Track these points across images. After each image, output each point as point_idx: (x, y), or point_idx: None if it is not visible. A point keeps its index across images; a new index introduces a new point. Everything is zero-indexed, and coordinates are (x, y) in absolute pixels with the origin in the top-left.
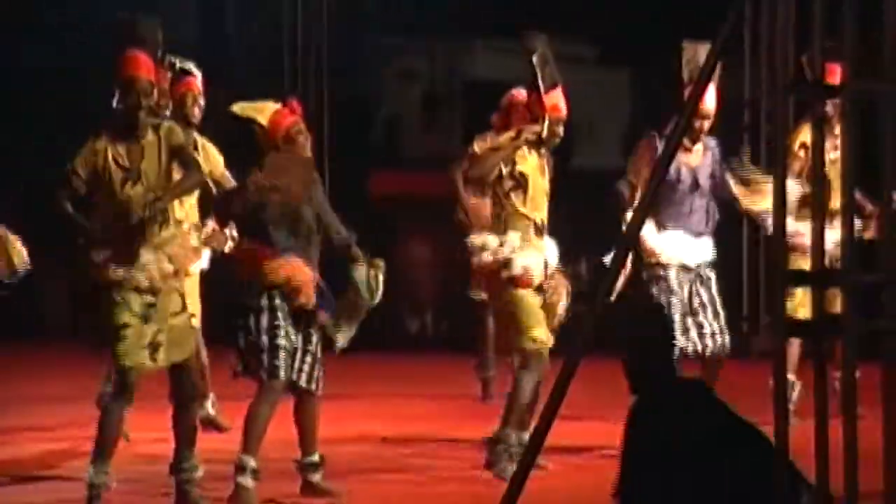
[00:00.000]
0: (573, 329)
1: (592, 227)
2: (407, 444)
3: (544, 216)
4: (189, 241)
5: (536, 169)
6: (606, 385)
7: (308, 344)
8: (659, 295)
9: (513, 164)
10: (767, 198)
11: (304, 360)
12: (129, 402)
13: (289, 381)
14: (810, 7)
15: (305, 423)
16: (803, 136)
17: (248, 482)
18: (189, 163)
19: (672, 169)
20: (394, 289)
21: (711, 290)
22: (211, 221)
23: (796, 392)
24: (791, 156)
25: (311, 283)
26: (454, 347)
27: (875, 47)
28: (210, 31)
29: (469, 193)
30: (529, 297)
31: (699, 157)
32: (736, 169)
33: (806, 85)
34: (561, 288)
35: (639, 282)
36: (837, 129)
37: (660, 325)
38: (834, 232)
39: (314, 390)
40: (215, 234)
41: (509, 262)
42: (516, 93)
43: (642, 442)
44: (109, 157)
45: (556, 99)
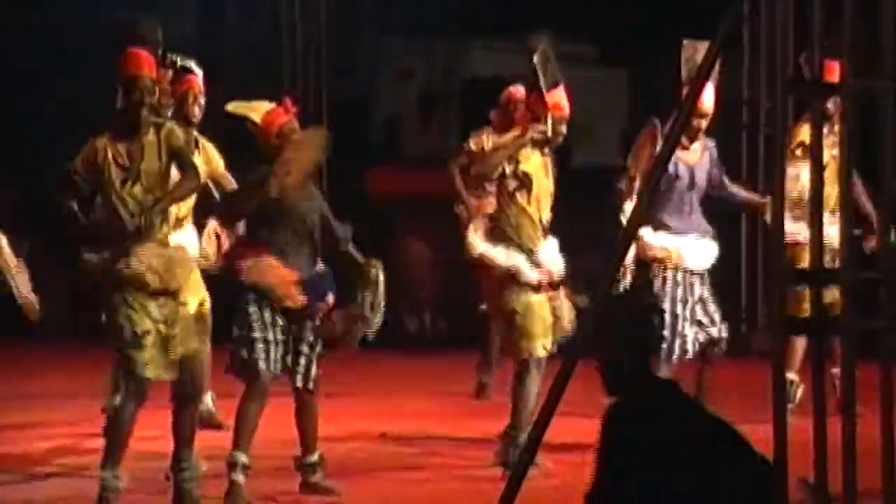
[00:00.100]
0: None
1: (591, 226)
2: (406, 442)
3: (548, 215)
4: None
5: (540, 168)
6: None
7: (300, 343)
8: (657, 294)
9: (516, 163)
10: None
11: (298, 361)
12: (141, 405)
13: (274, 376)
14: (809, 5)
15: (305, 423)
16: (801, 136)
17: (240, 478)
18: (187, 166)
19: (669, 166)
20: (392, 287)
21: (706, 290)
22: (212, 221)
23: (799, 392)
24: (788, 156)
25: (287, 283)
26: (453, 346)
27: (874, 45)
28: (209, 30)
29: (467, 190)
30: (536, 305)
31: (697, 155)
32: None
33: (805, 83)
34: (565, 298)
35: (636, 281)
36: (838, 127)
37: (643, 324)
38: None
39: (311, 389)
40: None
41: (519, 271)
42: (514, 90)
43: (620, 443)
44: (109, 156)
45: (558, 97)
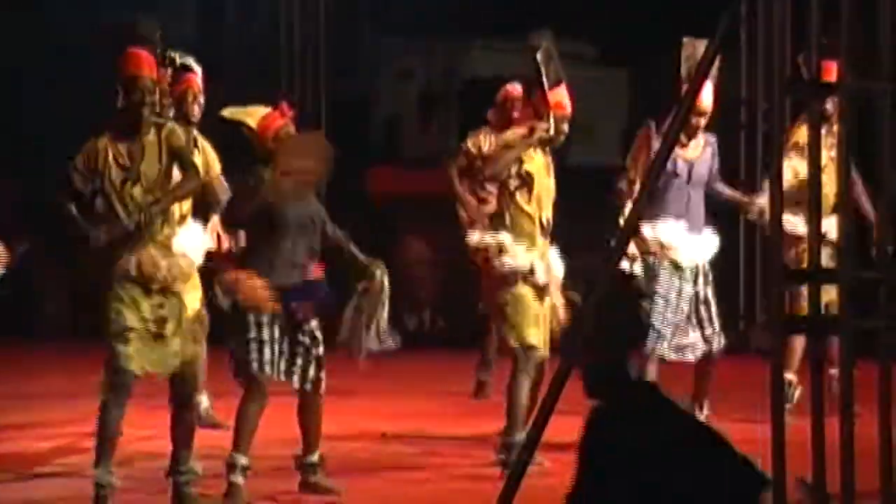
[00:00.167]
0: (570, 326)
1: (590, 225)
2: (406, 442)
3: (549, 215)
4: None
5: (542, 167)
6: None
7: (296, 346)
8: (652, 290)
9: (520, 163)
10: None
11: (294, 363)
12: (125, 404)
13: (273, 377)
14: (807, 6)
15: (306, 423)
16: (797, 137)
17: (239, 479)
18: (188, 166)
19: (669, 162)
20: (392, 287)
21: (709, 288)
22: (215, 217)
23: (797, 393)
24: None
25: (255, 293)
26: (452, 345)
27: (871, 46)
28: (209, 30)
29: (465, 190)
30: (527, 298)
31: (698, 150)
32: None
33: (802, 83)
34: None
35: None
36: (835, 127)
37: (621, 326)
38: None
39: (309, 390)
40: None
41: (504, 254)
42: (511, 88)
43: (601, 446)
44: (110, 156)
45: (560, 96)
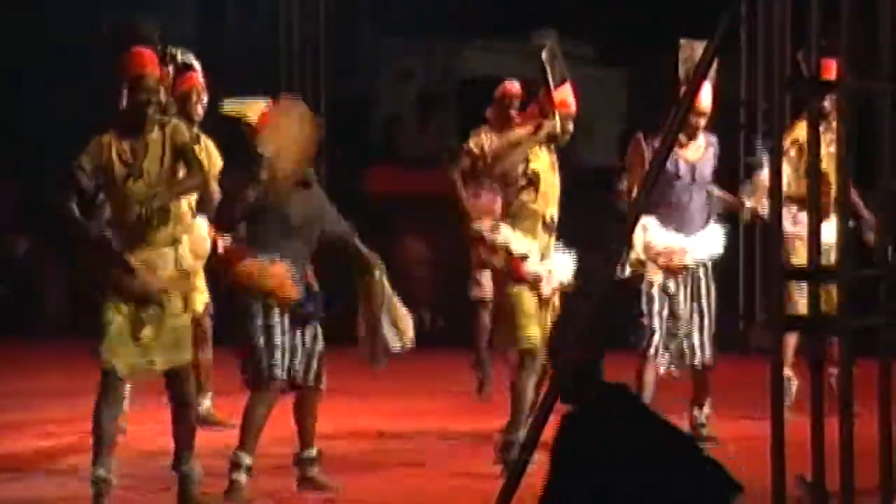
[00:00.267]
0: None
1: (591, 224)
2: (405, 440)
3: (554, 212)
4: (195, 241)
5: (548, 166)
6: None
7: (302, 339)
8: (648, 294)
9: (526, 161)
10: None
11: (297, 357)
12: (117, 404)
13: (283, 380)
14: (806, 6)
15: (304, 418)
16: (796, 135)
17: (242, 478)
18: (192, 163)
19: (670, 163)
20: (391, 286)
21: (709, 292)
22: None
23: (793, 388)
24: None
25: (283, 281)
26: (450, 344)
27: (871, 45)
28: (209, 30)
29: (469, 191)
30: (527, 297)
31: (699, 151)
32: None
33: (802, 81)
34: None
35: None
36: (834, 124)
37: (594, 330)
38: (830, 225)
39: (312, 385)
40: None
41: (508, 248)
42: (509, 85)
43: (575, 450)
44: (113, 153)
45: (564, 95)
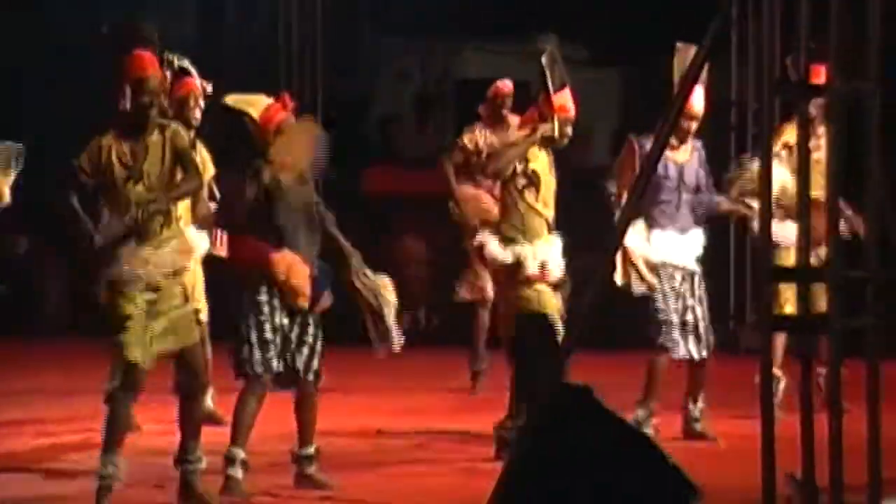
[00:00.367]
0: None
1: (585, 226)
2: (402, 437)
3: (553, 213)
4: (187, 242)
5: (546, 167)
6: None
7: (304, 335)
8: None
9: (526, 162)
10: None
11: (300, 352)
12: (136, 396)
13: (273, 375)
14: (797, 8)
15: (304, 415)
16: (785, 138)
17: (238, 473)
18: (189, 167)
19: (659, 166)
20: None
21: (700, 289)
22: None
23: (782, 387)
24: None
25: (307, 282)
26: (446, 342)
27: (860, 47)
28: (209, 30)
29: (461, 184)
30: (546, 295)
31: (686, 155)
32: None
33: (791, 85)
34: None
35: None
36: (820, 130)
37: (540, 336)
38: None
39: (311, 381)
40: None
41: (522, 263)
42: (501, 84)
43: (535, 453)
44: (113, 155)
45: (564, 99)
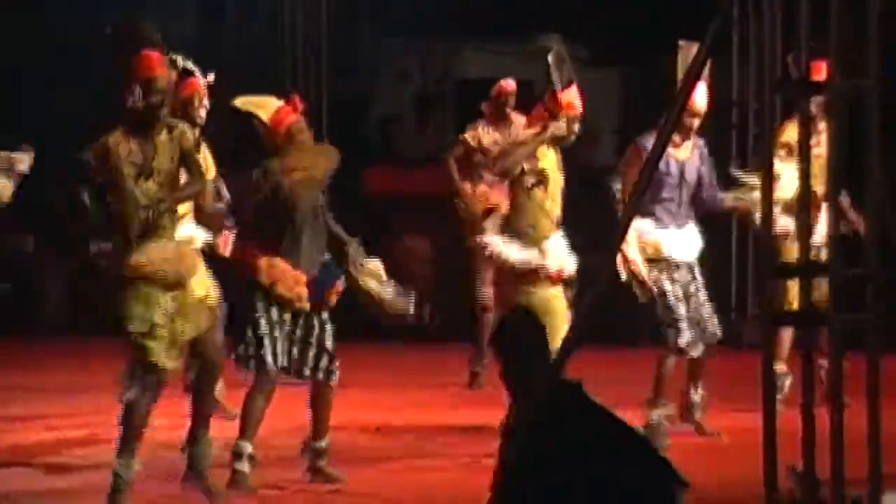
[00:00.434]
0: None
1: (589, 223)
2: (405, 433)
3: (560, 211)
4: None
5: (554, 165)
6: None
7: (309, 336)
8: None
9: (535, 160)
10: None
11: (307, 353)
12: (158, 396)
13: (280, 370)
14: (798, 7)
15: (316, 410)
16: (784, 137)
17: (245, 467)
18: (193, 169)
19: (661, 162)
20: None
21: (700, 282)
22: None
23: (788, 382)
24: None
25: (299, 287)
26: (448, 339)
27: (861, 44)
28: (209, 30)
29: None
30: (556, 299)
31: (688, 152)
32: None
33: (792, 83)
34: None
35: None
36: (820, 126)
37: (534, 332)
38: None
39: (321, 380)
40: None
41: (537, 263)
42: (505, 83)
43: (527, 451)
44: (122, 153)
45: (571, 97)
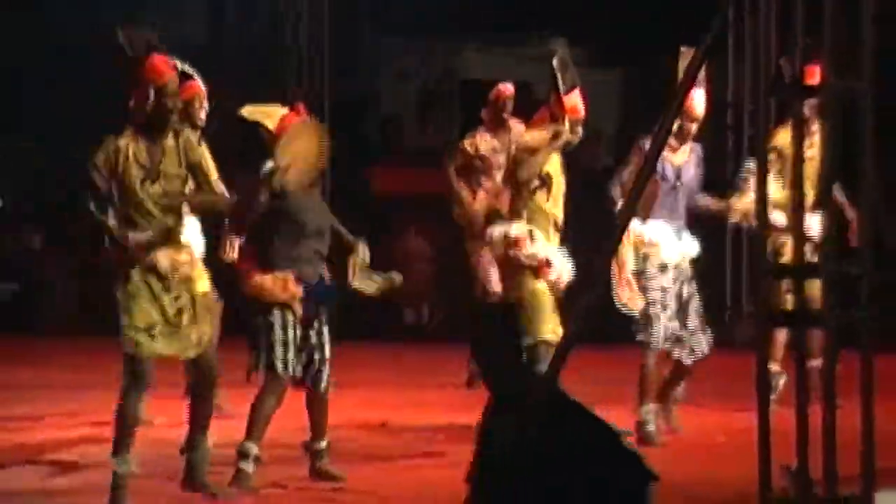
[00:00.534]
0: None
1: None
2: (405, 431)
3: (561, 214)
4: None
5: (558, 168)
6: (602, 373)
7: (313, 350)
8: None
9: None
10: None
11: (311, 365)
12: (144, 389)
13: (292, 376)
14: (793, 10)
15: (313, 413)
16: (775, 141)
17: (250, 467)
18: (201, 181)
19: (657, 165)
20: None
21: (694, 289)
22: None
23: (782, 382)
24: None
25: (288, 293)
26: (449, 338)
27: (854, 46)
28: (211, 30)
29: (462, 187)
30: (545, 293)
31: (685, 156)
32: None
33: (785, 85)
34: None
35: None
36: (813, 128)
37: (504, 327)
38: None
39: (321, 390)
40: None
41: (534, 251)
42: (503, 87)
43: (499, 449)
44: (130, 155)
45: (575, 101)
